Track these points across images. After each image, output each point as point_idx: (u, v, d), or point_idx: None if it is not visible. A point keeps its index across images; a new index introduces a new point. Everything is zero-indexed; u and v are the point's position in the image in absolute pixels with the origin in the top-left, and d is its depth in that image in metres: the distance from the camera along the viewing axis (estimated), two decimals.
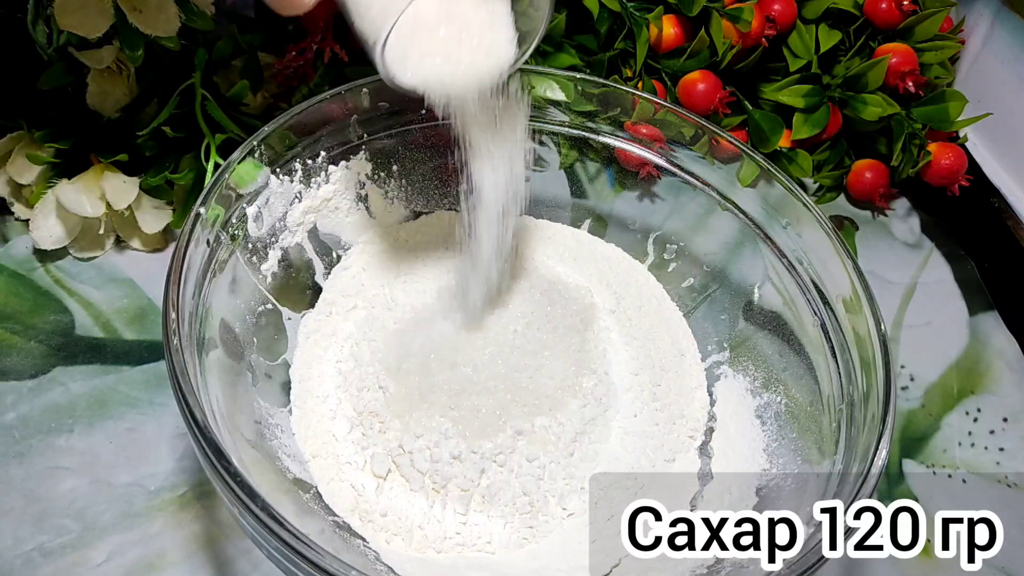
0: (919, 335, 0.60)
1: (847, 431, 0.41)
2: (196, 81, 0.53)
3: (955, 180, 0.64)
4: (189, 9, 0.52)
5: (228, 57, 0.57)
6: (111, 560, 0.43)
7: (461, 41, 0.37)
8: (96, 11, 0.49)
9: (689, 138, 0.51)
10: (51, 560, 0.43)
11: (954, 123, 0.65)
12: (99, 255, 0.56)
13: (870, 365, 0.41)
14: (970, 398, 0.57)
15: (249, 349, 0.44)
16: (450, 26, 0.36)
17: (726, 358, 0.50)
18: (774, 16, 0.62)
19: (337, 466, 0.43)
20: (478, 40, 0.37)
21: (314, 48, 0.57)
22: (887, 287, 0.63)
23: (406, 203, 0.53)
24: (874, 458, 0.37)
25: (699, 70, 0.62)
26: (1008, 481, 0.53)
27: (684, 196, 0.52)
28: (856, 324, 0.43)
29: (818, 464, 0.42)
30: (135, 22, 0.49)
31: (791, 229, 0.48)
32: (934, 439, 0.55)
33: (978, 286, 0.64)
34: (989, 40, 0.67)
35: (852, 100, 0.63)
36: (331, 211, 0.50)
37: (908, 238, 0.67)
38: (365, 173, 0.51)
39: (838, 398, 0.43)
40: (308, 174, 0.48)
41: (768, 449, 0.45)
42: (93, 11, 0.49)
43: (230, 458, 0.33)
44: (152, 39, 0.51)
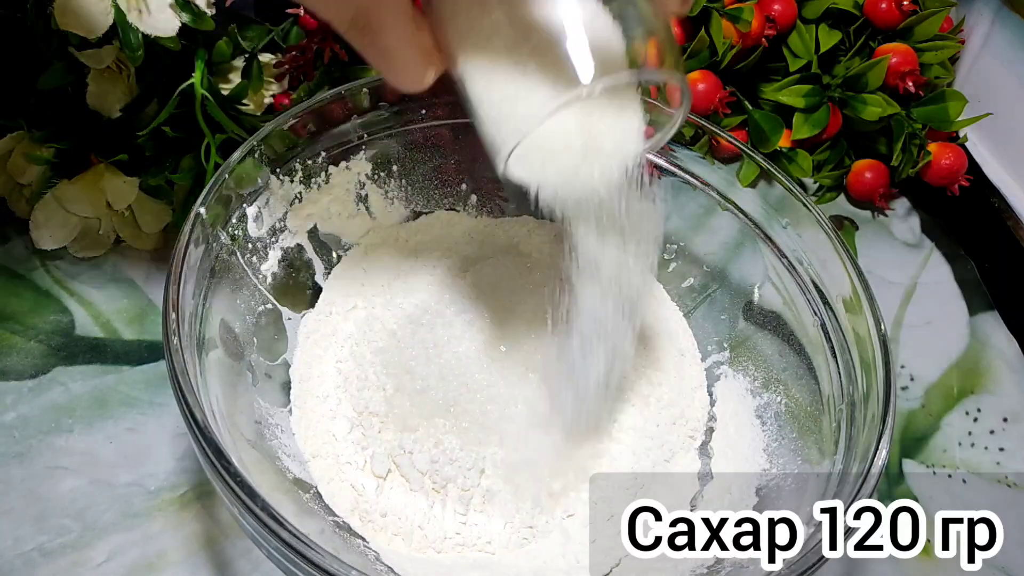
0: (919, 335, 0.60)
1: (847, 431, 0.41)
2: (196, 81, 0.53)
3: (955, 180, 0.64)
4: (189, 9, 0.52)
5: (228, 57, 0.57)
6: (111, 560, 0.43)
7: (587, 145, 0.34)
8: (96, 11, 0.49)
9: (689, 138, 0.51)
10: (51, 560, 0.43)
11: (954, 123, 0.65)
12: (99, 255, 0.56)
13: (870, 365, 0.41)
14: (970, 398, 0.57)
15: (249, 349, 0.44)
16: (581, 135, 0.34)
17: (726, 358, 0.50)
18: (774, 16, 0.62)
19: (337, 466, 0.43)
20: (605, 138, 0.34)
21: (314, 48, 0.57)
22: (887, 287, 0.63)
23: (406, 203, 0.53)
24: (874, 458, 0.37)
25: (699, 70, 0.62)
26: (1008, 481, 0.53)
27: (684, 196, 0.52)
28: (856, 324, 0.43)
29: (818, 464, 0.42)
30: (135, 22, 0.49)
31: (791, 229, 0.48)
32: (934, 439, 0.55)
33: (978, 286, 0.64)
34: (989, 40, 0.67)
35: (852, 100, 0.63)
36: (331, 211, 0.50)
37: (908, 238, 0.67)
38: (365, 173, 0.51)
39: (838, 398, 0.43)
40: (308, 174, 0.48)
41: (768, 449, 0.45)
42: (93, 11, 0.49)
43: (230, 458, 0.33)
44: (152, 39, 0.51)
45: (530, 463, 0.42)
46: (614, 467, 0.44)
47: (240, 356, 0.43)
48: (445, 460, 0.42)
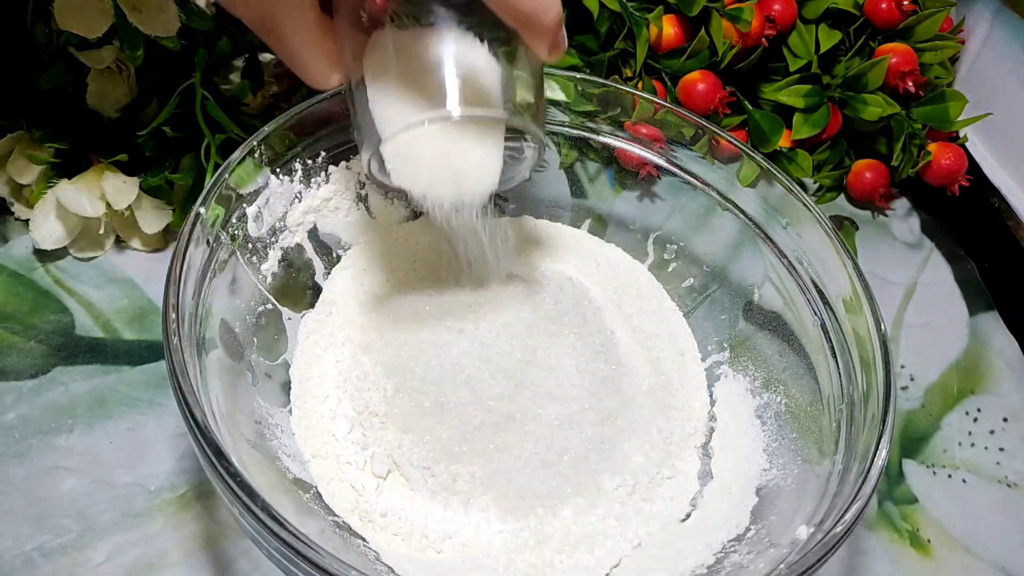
0: (919, 335, 0.60)
1: (847, 431, 0.41)
2: (196, 81, 0.53)
3: (955, 180, 0.65)
4: (189, 9, 0.52)
5: (228, 57, 0.57)
6: (111, 560, 0.43)
7: (455, 159, 0.38)
8: (96, 11, 0.49)
9: (689, 138, 0.51)
10: (51, 560, 0.43)
11: (954, 123, 0.65)
12: (99, 255, 0.56)
13: (870, 365, 0.41)
14: (970, 398, 0.57)
15: (249, 349, 0.44)
16: (449, 145, 0.38)
17: (726, 358, 0.50)
18: (774, 16, 0.62)
19: (337, 466, 0.43)
20: (464, 163, 0.39)
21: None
22: (887, 287, 0.63)
23: (406, 203, 0.53)
24: (874, 458, 0.37)
25: (699, 70, 0.62)
26: (1008, 481, 0.53)
27: (684, 196, 0.52)
28: (856, 324, 0.43)
29: (818, 464, 0.42)
30: (135, 22, 0.49)
31: (791, 229, 0.48)
32: (934, 439, 0.55)
33: (978, 286, 0.64)
34: (989, 40, 0.67)
35: (852, 100, 0.64)
36: (331, 211, 0.50)
37: (908, 238, 0.67)
38: (365, 173, 0.51)
39: (838, 398, 0.43)
40: (308, 174, 0.48)
41: (768, 449, 0.45)
42: (93, 11, 0.49)
43: (230, 458, 0.33)
44: (152, 39, 0.51)
45: (531, 464, 0.42)
46: (613, 468, 0.44)
47: (240, 356, 0.44)
48: (446, 460, 0.42)
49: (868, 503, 0.36)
